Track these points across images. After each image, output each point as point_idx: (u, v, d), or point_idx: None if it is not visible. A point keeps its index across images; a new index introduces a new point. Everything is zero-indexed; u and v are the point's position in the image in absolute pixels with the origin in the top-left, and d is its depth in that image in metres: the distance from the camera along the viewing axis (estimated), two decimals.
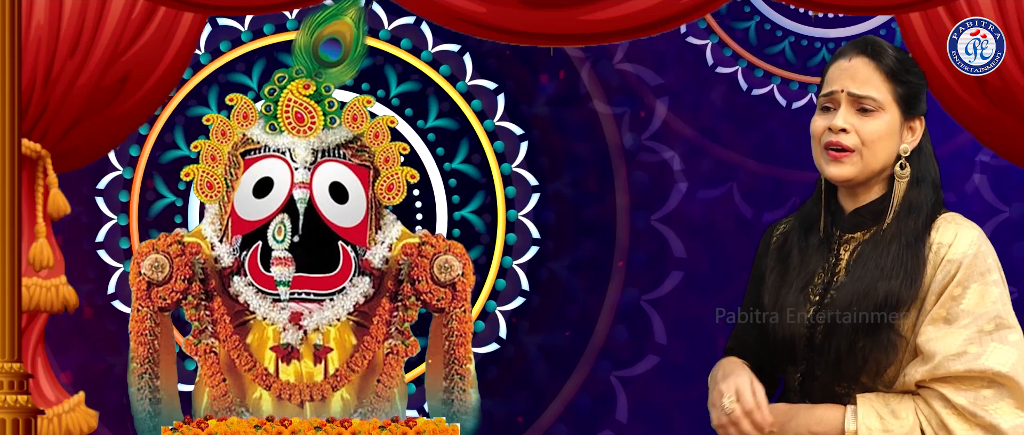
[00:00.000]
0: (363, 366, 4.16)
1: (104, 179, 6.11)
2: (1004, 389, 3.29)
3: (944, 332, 3.31)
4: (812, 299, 3.46)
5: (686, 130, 6.32)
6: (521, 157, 6.24)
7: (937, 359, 3.29)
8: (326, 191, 4.11)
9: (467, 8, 4.79)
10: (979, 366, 3.28)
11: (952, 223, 3.41)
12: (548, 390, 6.26)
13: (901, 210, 3.41)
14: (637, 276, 6.29)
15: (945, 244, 3.37)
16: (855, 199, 3.47)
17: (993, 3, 4.84)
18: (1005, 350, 3.30)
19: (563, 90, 6.30)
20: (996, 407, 3.28)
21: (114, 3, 4.87)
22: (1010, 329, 3.34)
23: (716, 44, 6.40)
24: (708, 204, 6.34)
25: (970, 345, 3.30)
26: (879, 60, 3.42)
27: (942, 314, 3.32)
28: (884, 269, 3.36)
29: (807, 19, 6.40)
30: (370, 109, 4.18)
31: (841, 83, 3.42)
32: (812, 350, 3.43)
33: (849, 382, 3.39)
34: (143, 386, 4.17)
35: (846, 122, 3.41)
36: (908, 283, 3.34)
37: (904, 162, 3.43)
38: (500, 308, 6.22)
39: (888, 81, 3.42)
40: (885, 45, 3.44)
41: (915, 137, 3.46)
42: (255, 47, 6.20)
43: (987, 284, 3.34)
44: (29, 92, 4.81)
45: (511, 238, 6.22)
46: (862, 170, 3.42)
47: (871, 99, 3.40)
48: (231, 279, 4.16)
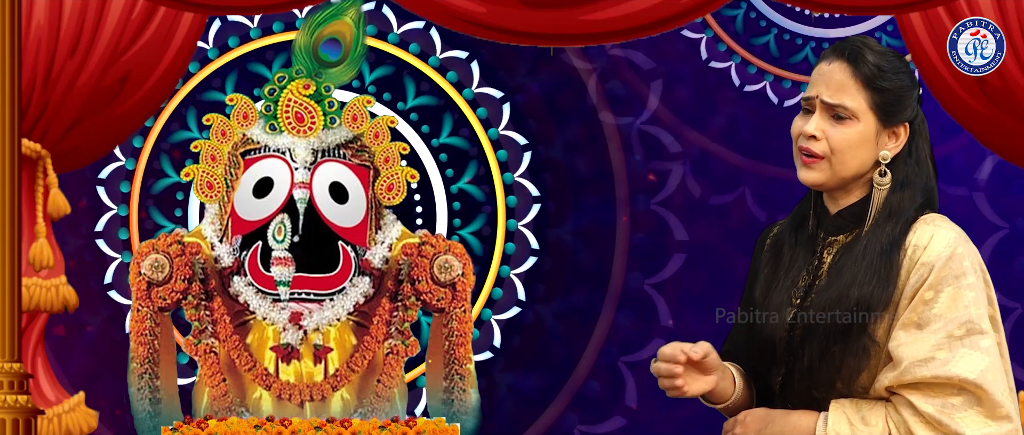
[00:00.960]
0: (363, 366, 4.16)
1: (106, 169, 6.11)
2: (972, 397, 3.25)
3: (914, 337, 3.27)
4: (793, 301, 3.45)
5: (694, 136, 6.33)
6: (524, 166, 6.24)
7: (904, 364, 3.26)
8: (326, 191, 4.11)
9: (467, 8, 4.79)
10: (946, 372, 3.23)
11: (930, 225, 3.37)
12: (557, 378, 6.27)
13: (881, 215, 3.39)
14: (639, 260, 6.30)
15: (920, 246, 3.33)
16: (836, 202, 3.46)
17: (993, 3, 4.84)
18: (975, 356, 3.25)
19: (569, 101, 6.30)
20: (963, 416, 3.23)
21: (114, 3, 4.87)
22: (982, 334, 3.26)
23: (710, 38, 6.41)
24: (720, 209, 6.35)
25: (938, 351, 3.25)
26: (856, 66, 3.38)
27: (914, 319, 3.29)
28: (858, 275, 3.34)
29: (795, 14, 6.41)
30: (370, 109, 4.18)
31: (817, 88, 3.40)
32: (790, 353, 3.43)
33: (824, 387, 3.37)
34: (143, 386, 4.17)
35: (817, 129, 3.39)
36: (881, 287, 3.31)
37: (884, 169, 3.41)
38: (496, 316, 6.22)
39: (864, 88, 3.38)
40: (867, 50, 3.39)
41: (898, 143, 3.42)
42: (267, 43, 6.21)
43: (961, 288, 3.29)
44: (29, 92, 4.81)
45: (510, 248, 6.22)
46: (831, 177, 3.40)
47: (843, 108, 3.38)
48: (231, 279, 4.16)
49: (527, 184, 6.24)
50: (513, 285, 6.22)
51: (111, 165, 6.10)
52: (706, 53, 6.40)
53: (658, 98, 6.33)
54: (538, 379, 6.29)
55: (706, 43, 6.40)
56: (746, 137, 6.36)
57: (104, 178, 6.11)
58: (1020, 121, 4.94)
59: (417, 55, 6.21)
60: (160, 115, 6.11)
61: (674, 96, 6.34)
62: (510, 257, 6.22)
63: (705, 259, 6.30)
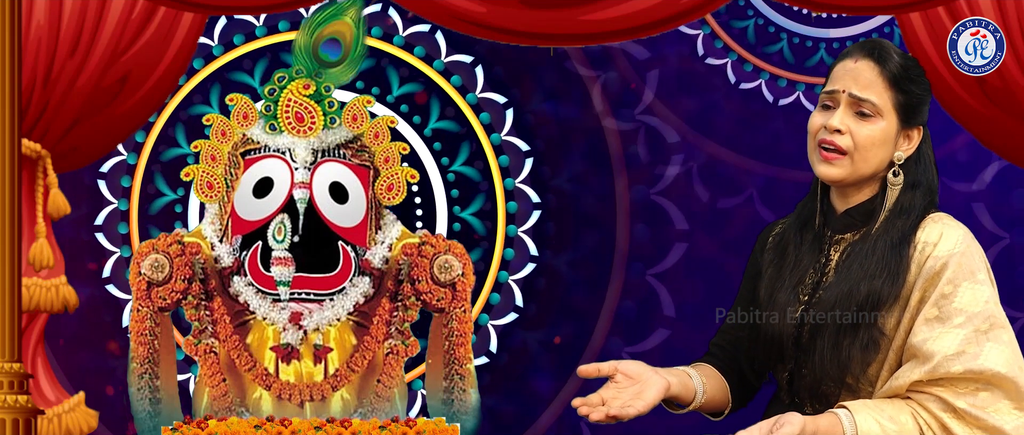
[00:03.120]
0: (363, 366, 4.17)
1: (107, 163, 6.11)
2: (999, 390, 3.29)
3: (939, 332, 3.31)
4: (801, 298, 3.46)
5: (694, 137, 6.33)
6: (525, 173, 6.24)
7: (936, 360, 3.29)
8: (326, 191, 4.11)
9: (467, 8, 4.79)
10: (978, 366, 3.28)
11: (939, 223, 3.41)
12: (561, 371, 6.26)
13: (892, 213, 3.42)
14: (640, 251, 6.29)
15: (931, 243, 3.37)
16: (846, 200, 3.48)
17: (993, 3, 4.84)
18: (1000, 350, 3.31)
19: (573, 109, 6.30)
20: (996, 409, 3.28)
21: (114, 3, 4.88)
22: (1003, 328, 3.34)
23: (707, 35, 6.41)
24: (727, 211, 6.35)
25: (968, 345, 3.30)
26: (884, 65, 3.41)
27: (935, 313, 3.32)
28: (869, 269, 3.37)
29: (803, 17, 6.40)
30: (370, 109, 4.18)
31: (843, 83, 3.42)
32: (799, 349, 3.44)
33: (834, 381, 3.39)
34: (143, 386, 4.17)
35: (842, 123, 3.41)
36: (890, 282, 3.34)
37: (898, 169, 3.43)
38: (493, 322, 6.22)
39: (890, 88, 3.41)
40: (893, 50, 3.43)
41: (911, 145, 3.45)
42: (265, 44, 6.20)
43: (977, 283, 3.34)
44: (29, 92, 4.81)
45: (509, 253, 6.22)
46: (851, 173, 3.42)
47: (871, 103, 3.40)
48: (231, 279, 4.16)
49: (528, 190, 6.24)
50: (511, 291, 6.23)
51: (112, 159, 6.11)
52: (702, 49, 6.40)
53: (653, 92, 6.33)
54: (539, 381, 6.29)
55: (702, 40, 6.40)
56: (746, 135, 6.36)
57: (105, 172, 6.11)
58: (1020, 121, 4.94)
59: (422, 59, 6.22)
60: (160, 115, 6.12)
61: (669, 90, 6.34)
62: (509, 263, 6.22)
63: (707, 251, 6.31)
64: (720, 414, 3.63)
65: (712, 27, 6.39)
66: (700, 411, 3.62)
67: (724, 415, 3.63)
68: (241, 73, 6.17)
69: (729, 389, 3.63)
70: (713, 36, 6.39)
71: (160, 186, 6.16)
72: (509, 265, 6.23)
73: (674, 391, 3.50)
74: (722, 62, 6.39)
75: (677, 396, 3.53)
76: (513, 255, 6.23)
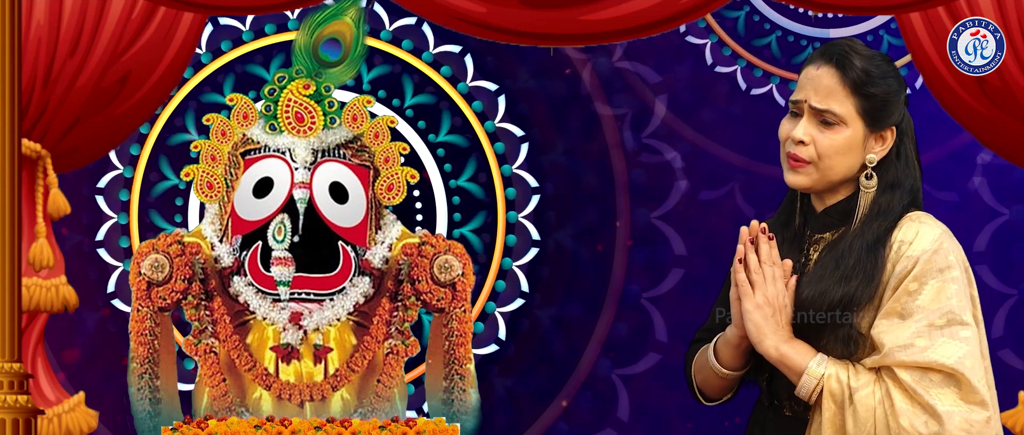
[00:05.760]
0: (363, 366, 4.17)
1: (104, 178, 6.11)
2: (952, 380, 3.28)
3: (896, 325, 3.31)
4: None
5: (686, 131, 6.32)
6: (521, 158, 6.24)
7: (885, 350, 3.30)
8: (326, 191, 4.11)
9: (467, 8, 4.80)
10: (925, 359, 3.27)
11: (916, 222, 3.39)
12: (548, 390, 6.26)
13: (869, 215, 3.41)
14: (637, 274, 6.29)
15: (906, 242, 3.36)
16: (822, 200, 3.48)
17: (993, 3, 4.84)
18: (953, 345, 3.29)
19: (564, 91, 6.30)
20: (940, 392, 3.27)
21: (114, 3, 4.88)
22: (962, 325, 3.30)
23: (715, 43, 6.41)
24: (708, 204, 6.34)
25: (918, 338, 3.29)
26: (845, 72, 3.37)
27: (897, 309, 3.32)
28: (845, 271, 3.36)
29: (797, 15, 6.40)
30: (370, 109, 4.18)
31: (805, 93, 3.40)
32: None
33: None
34: (143, 386, 4.17)
35: (806, 134, 3.39)
36: (865, 283, 3.34)
37: (871, 172, 3.42)
38: (500, 309, 6.22)
39: (853, 94, 3.38)
40: (855, 54, 3.38)
41: (884, 146, 3.42)
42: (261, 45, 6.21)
43: (945, 281, 3.32)
44: (29, 92, 4.81)
45: (511, 240, 6.22)
46: (818, 180, 3.41)
47: (832, 113, 3.38)
48: (231, 279, 4.16)
49: (526, 176, 6.25)
50: (516, 277, 6.23)
51: (109, 174, 6.11)
52: (711, 58, 6.40)
53: (665, 107, 6.33)
54: (536, 383, 6.29)
55: (711, 48, 6.40)
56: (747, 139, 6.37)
57: (103, 187, 6.11)
58: (1020, 121, 4.94)
59: (411, 51, 6.22)
60: (156, 120, 6.12)
61: (680, 105, 6.35)
62: (511, 249, 6.22)
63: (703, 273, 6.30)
64: (714, 400, 3.62)
65: (719, 36, 6.38)
66: (724, 381, 3.58)
67: (718, 402, 3.63)
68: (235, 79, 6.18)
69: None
70: (721, 44, 6.39)
71: (162, 184, 6.16)
72: (512, 252, 6.23)
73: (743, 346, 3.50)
74: (731, 69, 6.39)
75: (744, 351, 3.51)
76: (515, 242, 6.23)
